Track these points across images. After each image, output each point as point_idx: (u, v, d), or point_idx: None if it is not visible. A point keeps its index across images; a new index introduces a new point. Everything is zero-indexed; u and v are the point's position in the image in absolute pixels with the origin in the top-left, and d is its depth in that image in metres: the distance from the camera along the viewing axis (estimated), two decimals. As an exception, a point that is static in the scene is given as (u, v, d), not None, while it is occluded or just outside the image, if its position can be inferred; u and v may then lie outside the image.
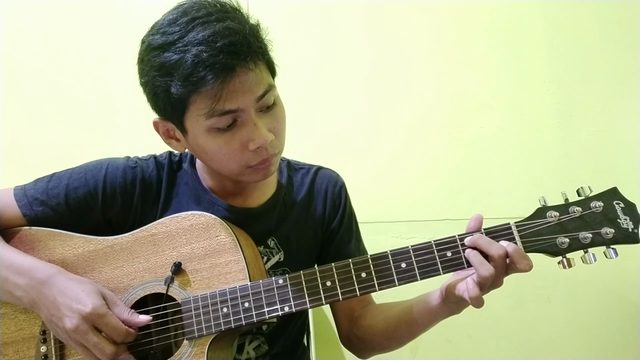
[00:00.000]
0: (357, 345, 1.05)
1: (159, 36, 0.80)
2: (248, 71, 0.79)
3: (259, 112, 0.84)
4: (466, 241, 0.79)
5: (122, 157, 1.00)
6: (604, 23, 1.52)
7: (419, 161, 1.55)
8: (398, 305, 0.97)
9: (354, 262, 0.83)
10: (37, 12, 1.64)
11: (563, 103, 1.53)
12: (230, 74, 0.77)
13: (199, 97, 0.79)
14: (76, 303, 0.81)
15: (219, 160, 0.86)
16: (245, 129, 0.82)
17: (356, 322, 1.03)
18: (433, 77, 1.57)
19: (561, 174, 1.50)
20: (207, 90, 0.77)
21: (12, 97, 1.63)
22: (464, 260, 0.79)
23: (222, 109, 0.79)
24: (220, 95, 0.77)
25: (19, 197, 0.95)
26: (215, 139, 0.83)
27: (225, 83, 0.77)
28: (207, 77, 0.76)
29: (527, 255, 0.77)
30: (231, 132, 0.82)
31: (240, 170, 0.87)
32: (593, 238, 0.77)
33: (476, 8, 1.56)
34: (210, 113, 0.79)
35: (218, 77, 0.76)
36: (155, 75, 0.80)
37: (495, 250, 0.76)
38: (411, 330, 0.94)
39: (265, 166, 0.87)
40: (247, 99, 0.80)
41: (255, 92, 0.81)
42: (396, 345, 0.99)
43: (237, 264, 0.86)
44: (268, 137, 0.83)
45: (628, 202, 0.78)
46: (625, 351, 1.46)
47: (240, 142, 0.83)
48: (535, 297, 1.49)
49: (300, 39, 1.57)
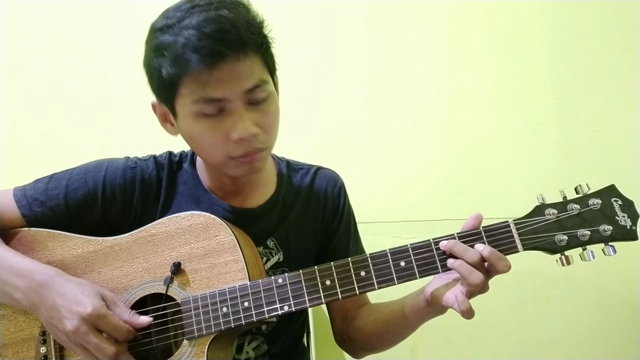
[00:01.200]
0: (349, 345, 1.07)
1: (162, 19, 0.84)
2: (238, 62, 0.80)
3: (248, 104, 0.84)
4: (441, 246, 0.80)
5: (122, 158, 1.01)
6: (604, 23, 1.53)
7: (418, 161, 1.56)
8: (387, 306, 0.98)
9: (353, 261, 0.83)
10: (37, 11, 1.65)
11: (563, 103, 1.54)
12: (219, 61, 0.78)
13: (187, 81, 0.80)
14: (76, 305, 0.81)
15: (203, 147, 0.88)
16: (230, 118, 0.83)
17: (349, 322, 1.04)
18: (433, 77, 1.58)
19: (561, 173, 1.51)
20: (193, 73, 0.79)
21: (12, 97, 1.63)
22: None
23: (208, 96, 0.81)
24: (207, 82, 0.79)
25: (18, 197, 0.95)
26: (201, 124, 0.84)
27: (214, 70, 0.79)
28: (192, 59, 0.78)
29: (504, 257, 0.78)
30: (217, 120, 0.83)
31: (223, 160, 0.88)
32: (591, 235, 0.78)
33: (476, 8, 1.57)
34: (197, 99, 0.81)
35: (204, 61, 0.78)
36: (152, 56, 0.84)
37: (470, 257, 0.77)
38: (399, 332, 0.96)
39: (248, 160, 0.87)
40: (234, 90, 0.81)
41: (244, 84, 0.81)
42: (386, 346, 1.01)
43: (236, 264, 0.87)
44: (251, 130, 0.83)
45: (626, 199, 0.79)
46: (625, 351, 1.47)
47: (224, 131, 0.84)
48: (535, 297, 1.50)
49: (299, 38, 1.57)
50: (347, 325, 1.05)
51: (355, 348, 1.07)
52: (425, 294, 0.85)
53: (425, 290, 0.86)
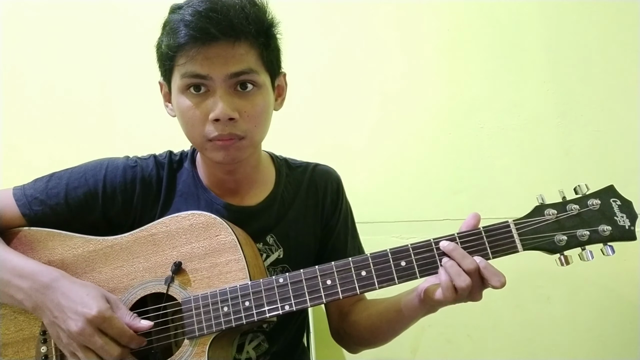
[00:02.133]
0: (344, 340, 1.09)
1: (178, 2, 0.90)
2: (228, 45, 0.84)
3: (233, 90, 0.87)
4: (441, 246, 0.81)
5: (122, 157, 1.02)
6: (604, 23, 1.53)
7: (418, 161, 1.57)
8: (381, 302, 0.99)
9: (354, 260, 0.84)
10: (37, 12, 1.65)
11: (563, 103, 1.54)
12: (209, 40, 0.83)
13: (180, 56, 0.86)
14: (81, 306, 0.82)
15: (185, 125, 0.91)
16: (212, 99, 0.87)
17: (344, 317, 1.06)
18: (433, 77, 1.58)
19: (561, 173, 1.51)
20: (184, 48, 0.84)
21: (12, 97, 1.64)
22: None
23: (194, 71, 0.85)
24: (195, 58, 0.84)
25: (18, 196, 0.96)
26: (185, 100, 0.88)
27: (203, 48, 0.84)
28: (181, 33, 0.84)
29: (499, 273, 0.79)
30: (200, 99, 0.87)
31: (202, 141, 0.90)
32: (590, 235, 0.79)
33: (476, 8, 1.57)
34: (184, 72, 0.86)
35: (192, 36, 0.83)
36: (160, 33, 0.91)
37: (467, 264, 0.79)
38: (392, 327, 0.97)
39: (223, 145, 0.89)
40: (218, 70, 0.85)
41: (229, 67, 0.85)
42: (380, 341, 1.02)
43: (237, 263, 0.88)
44: (228, 112, 0.86)
45: (624, 199, 0.80)
46: (625, 351, 1.47)
47: (204, 110, 0.87)
48: (535, 297, 1.50)
49: (300, 39, 1.58)
50: (342, 321, 1.06)
51: (350, 343, 1.09)
52: (419, 292, 0.86)
53: (419, 287, 0.87)
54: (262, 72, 0.90)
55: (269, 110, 0.93)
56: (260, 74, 0.89)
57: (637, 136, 1.50)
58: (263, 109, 0.91)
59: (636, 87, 1.51)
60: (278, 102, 1.00)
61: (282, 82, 1.00)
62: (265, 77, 0.91)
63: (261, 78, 0.89)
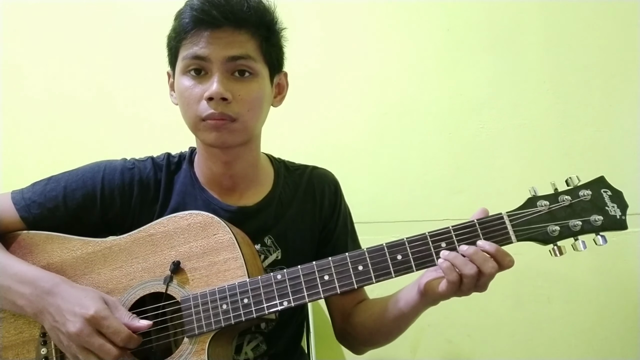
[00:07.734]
0: (349, 341, 1.12)
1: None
2: (229, 32, 0.92)
3: (229, 73, 0.93)
4: (442, 255, 0.84)
5: (119, 159, 1.06)
6: (604, 23, 1.56)
7: (419, 161, 1.59)
8: (383, 301, 1.02)
9: (350, 255, 0.88)
10: (37, 13, 1.68)
11: (563, 103, 1.57)
12: (212, 24, 0.91)
13: (184, 39, 0.93)
14: (79, 307, 0.85)
15: (183, 106, 0.96)
16: (209, 80, 0.92)
17: (348, 319, 1.09)
18: (433, 77, 1.61)
19: (561, 173, 1.51)
20: (189, 32, 0.92)
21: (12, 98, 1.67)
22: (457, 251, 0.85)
23: (195, 53, 0.92)
24: (197, 41, 0.92)
25: (16, 200, 1.00)
26: (185, 81, 0.94)
27: (206, 32, 0.91)
28: (186, 15, 0.92)
29: (507, 253, 0.83)
30: (199, 80, 0.94)
31: (195, 121, 0.95)
32: (582, 225, 0.82)
33: (476, 8, 1.60)
34: (186, 55, 0.93)
35: (198, 20, 0.91)
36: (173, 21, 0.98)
37: (468, 270, 0.82)
38: (396, 325, 1.00)
39: (215, 125, 0.93)
40: (216, 53, 0.91)
41: (229, 51, 0.92)
42: (385, 340, 1.05)
43: (235, 261, 0.91)
44: (222, 92, 0.91)
45: (615, 190, 0.84)
46: (625, 351, 1.50)
47: (201, 91, 0.93)
48: (535, 297, 1.53)
49: (299, 38, 1.61)
50: (346, 322, 1.09)
51: (355, 344, 1.12)
52: (420, 286, 0.90)
53: (419, 282, 0.90)
54: (260, 62, 0.95)
55: (263, 99, 0.97)
56: (258, 62, 0.95)
57: (637, 136, 1.53)
58: (258, 95, 0.96)
59: (636, 87, 1.54)
60: (277, 99, 1.04)
61: (282, 80, 1.05)
62: (263, 68, 0.96)
63: (258, 66, 0.95)
